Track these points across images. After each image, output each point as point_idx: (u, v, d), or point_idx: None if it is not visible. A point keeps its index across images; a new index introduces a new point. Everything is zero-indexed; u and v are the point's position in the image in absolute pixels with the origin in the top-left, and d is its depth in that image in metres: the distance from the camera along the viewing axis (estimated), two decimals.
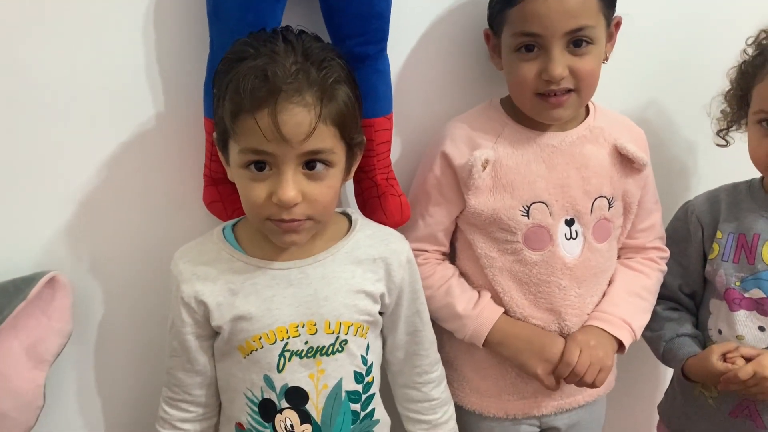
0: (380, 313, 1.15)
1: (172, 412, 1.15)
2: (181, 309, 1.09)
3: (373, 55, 1.14)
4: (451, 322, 1.27)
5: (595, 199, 1.25)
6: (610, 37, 1.21)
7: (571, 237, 1.25)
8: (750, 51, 1.28)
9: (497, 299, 1.27)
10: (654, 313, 1.34)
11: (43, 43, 1.10)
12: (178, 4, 1.13)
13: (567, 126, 1.26)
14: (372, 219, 1.20)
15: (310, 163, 1.00)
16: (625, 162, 1.26)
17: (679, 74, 1.49)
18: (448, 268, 1.30)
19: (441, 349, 1.26)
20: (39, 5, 1.09)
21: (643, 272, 1.34)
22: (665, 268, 1.37)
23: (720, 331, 1.32)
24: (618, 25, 1.22)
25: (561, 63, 1.14)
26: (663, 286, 1.36)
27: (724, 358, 1.25)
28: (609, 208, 1.26)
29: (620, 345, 1.27)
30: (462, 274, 1.31)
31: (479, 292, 1.28)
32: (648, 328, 1.34)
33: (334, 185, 1.04)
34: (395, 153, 1.23)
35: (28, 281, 1.13)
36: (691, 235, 1.36)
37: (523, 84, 1.17)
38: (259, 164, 1.00)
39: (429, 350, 1.22)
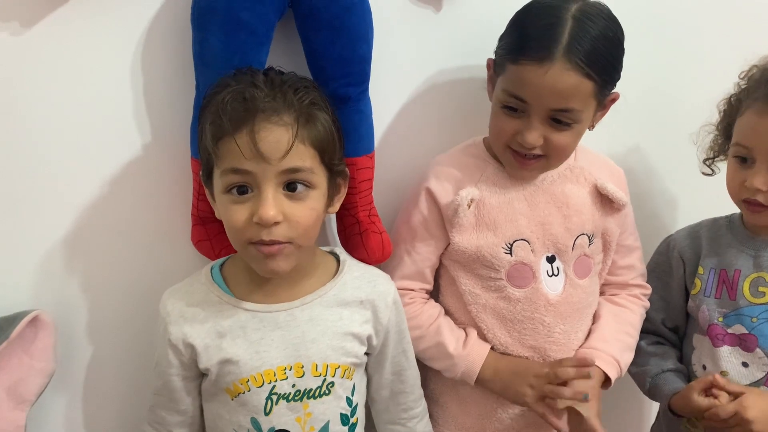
0: (366, 354, 1.15)
1: None
2: (168, 350, 1.08)
3: (355, 96, 1.16)
4: (442, 361, 1.27)
5: (577, 237, 1.26)
6: (603, 109, 1.22)
7: (552, 274, 1.26)
8: (741, 84, 1.29)
9: (481, 336, 1.27)
10: (638, 348, 1.35)
11: (32, 85, 1.11)
12: (165, 48, 1.15)
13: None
14: (354, 256, 1.21)
15: (291, 184, 1.01)
16: (605, 201, 1.28)
17: (660, 109, 1.51)
18: (434, 307, 1.30)
19: (425, 386, 1.26)
20: (28, 49, 1.10)
21: (628, 308, 1.35)
22: (648, 304, 1.38)
23: (704, 367, 1.32)
24: (614, 100, 1.22)
25: (538, 132, 1.15)
26: (646, 320, 1.37)
27: (706, 392, 1.24)
28: (589, 244, 1.28)
29: (606, 380, 1.27)
30: (445, 312, 1.31)
31: (465, 330, 1.28)
32: (633, 363, 1.35)
33: (316, 207, 1.04)
34: (376, 191, 1.25)
35: (11, 321, 1.12)
36: (673, 270, 1.37)
37: (499, 135, 1.19)
38: (242, 188, 1.01)
39: (413, 386, 1.23)
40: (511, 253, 1.24)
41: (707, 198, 1.37)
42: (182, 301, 1.10)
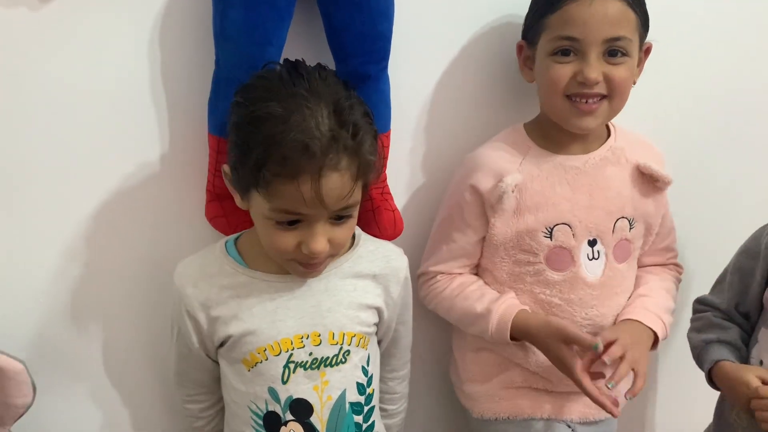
0: (375, 324, 1.16)
1: (193, 407, 1.21)
2: (186, 320, 1.09)
3: (375, 75, 1.16)
4: (475, 324, 1.27)
5: (617, 220, 1.25)
6: (639, 62, 1.22)
7: (593, 257, 1.25)
8: None
9: None
10: (705, 318, 1.33)
11: (48, 54, 1.12)
12: (185, 22, 1.16)
13: (590, 147, 1.26)
14: (366, 232, 1.20)
15: (339, 215, 1.02)
16: (646, 182, 1.27)
17: (709, 97, 1.48)
18: (468, 277, 1.31)
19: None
20: (45, 23, 1.11)
21: (666, 279, 1.37)
22: (681, 278, 1.40)
23: (762, 362, 1.25)
24: (647, 51, 1.23)
25: (597, 68, 1.15)
26: (722, 301, 1.32)
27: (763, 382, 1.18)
28: (630, 228, 1.26)
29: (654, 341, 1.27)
30: None
31: (501, 292, 1.28)
32: (693, 329, 1.34)
33: (354, 224, 1.07)
34: (390, 169, 1.25)
35: None
36: (761, 258, 1.30)
37: (555, 84, 1.17)
38: (292, 222, 1.01)
39: (404, 352, 1.27)
40: (551, 237, 1.23)
41: None
42: (197, 272, 1.10)
